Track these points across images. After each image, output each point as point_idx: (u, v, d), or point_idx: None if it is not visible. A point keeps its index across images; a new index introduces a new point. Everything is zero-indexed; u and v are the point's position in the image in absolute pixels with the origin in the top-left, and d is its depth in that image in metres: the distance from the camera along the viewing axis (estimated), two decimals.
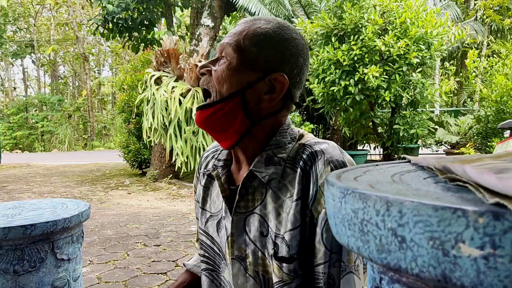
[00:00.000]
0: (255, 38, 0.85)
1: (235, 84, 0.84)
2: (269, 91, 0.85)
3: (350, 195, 0.33)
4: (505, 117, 6.40)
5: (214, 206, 0.97)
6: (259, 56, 0.84)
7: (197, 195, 1.05)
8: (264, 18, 0.89)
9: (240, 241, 0.88)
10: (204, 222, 0.99)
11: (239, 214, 0.88)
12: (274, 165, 0.86)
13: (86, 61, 26.04)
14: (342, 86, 5.56)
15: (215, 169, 0.95)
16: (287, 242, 0.82)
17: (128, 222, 5.19)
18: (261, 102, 0.86)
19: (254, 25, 0.86)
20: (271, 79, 0.85)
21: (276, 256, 0.83)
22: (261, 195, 0.87)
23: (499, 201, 0.24)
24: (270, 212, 0.85)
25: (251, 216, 0.87)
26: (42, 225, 1.63)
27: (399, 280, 0.33)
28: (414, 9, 5.62)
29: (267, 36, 0.85)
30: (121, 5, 8.87)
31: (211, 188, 0.99)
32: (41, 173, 10.87)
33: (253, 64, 0.84)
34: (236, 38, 0.85)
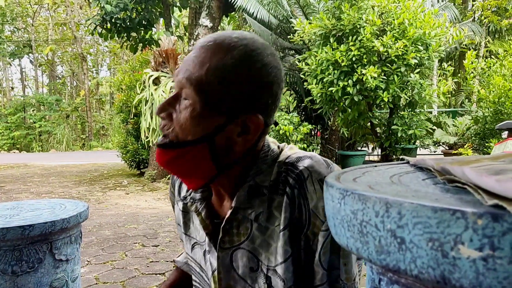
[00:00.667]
0: (220, 74, 0.72)
1: (200, 131, 0.73)
2: (243, 132, 0.75)
3: (350, 196, 0.33)
4: (502, 118, 6.41)
5: (199, 235, 0.90)
6: (226, 95, 0.72)
7: (176, 218, 0.97)
8: (229, 39, 0.74)
9: (228, 278, 0.83)
10: (190, 248, 0.93)
11: (224, 250, 0.82)
12: (258, 196, 0.78)
13: (84, 61, 25.99)
14: (341, 87, 5.57)
15: (193, 203, 0.86)
16: (281, 276, 0.77)
17: (126, 222, 5.18)
18: (234, 145, 0.76)
19: (217, 54, 0.73)
20: (243, 119, 0.74)
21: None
22: (247, 229, 0.80)
23: (498, 203, 0.24)
24: (259, 245, 0.79)
25: (238, 251, 0.81)
26: (40, 226, 1.62)
27: (398, 281, 0.33)
28: (412, 10, 5.63)
29: (234, 69, 0.72)
30: (119, 5, 8.87)
31: (192, 213, 0.92)
32: (39, 173, 10.85)
33: (220, 106, 0.73)
34: (197, 74, 0.72)
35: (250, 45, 0.75)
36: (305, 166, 0.76)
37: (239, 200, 0.79)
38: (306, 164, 0.77)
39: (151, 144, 8.29)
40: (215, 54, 0.73)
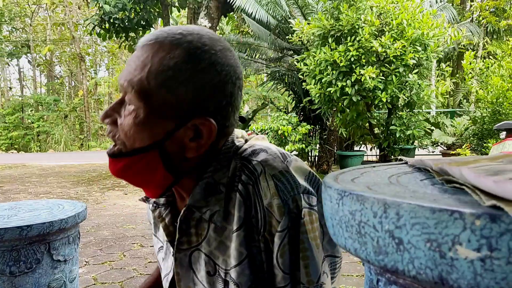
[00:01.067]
0: (162, 76, 0.66)
1: (147, 138, 0.68)
2: (195, 137, 0.70)
3: (348, 196, 0.33)
4: (501, 118, 6.43)
5: (162, 239, 0.87)
6: (171, 99, 0.67)
7: (148, 217, 0.95)
8: (172, 36, 0.69)
9: (187, 280, 0.78)
10: (157, 250, 0.90)
11: (182, 251, 0.77)
12: (214, 194, 0.72)
13: (83, 61, 25.97)
14: (339, 87, 5.57)
15: (156, 209, 0.82)
16: (235, 280, 0.71)
17: (124, 222, 5.18)
18: (188, 151, 0.71)
19: (158, 53, 0.67)
20: (194, 124, 0.69)
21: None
22: (204, 229, 0.75)
23: (496, 204, 0.24)
24: (215, 248, 0.74)
25: (196, 253, 0.76)
26: (38, 226, 1.62)
27: (396, 281, 0.33)
28: (411, 11, 5.64)
29: (177, 70, 0.67)
30: (118, 5, 8.87)
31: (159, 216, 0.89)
32: (37, 173, 10.83)
33: (166, 111, 0.67)
34: (138, 77, 0.67)
35: (195, 42, 0.68)
36: (258, 160, 0.71)
37: (194, 198, 0.73)
38: (260, 158, 0.72)
39: None
40: (156, 53, 0.67)
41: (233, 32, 15.06)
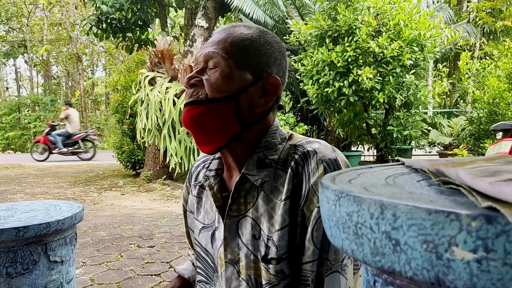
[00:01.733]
0: (242, 44, 0.85)
1: (228, 90, 0.83)
2: (263, 94, 0.86)
3: (345, 198, 0.33)
4: (497, 118, 6.45)
5: (208, 217, 0.96)
6: (249, 60, 0.85)
7: (189, 206, 1.05)
8: (242, 24, 0.90)
9: (233, 245, 0.88)
10: (197, 233, 0.99)
11: (231, 217, 0.88)
12: (265, 167, 0.86)
13: (79, 61, 25.91)
14: (336, 88, 5.58)
15: (207, 179, 0.94)
16: (275, 242, 0.82)
17: (121, 223, 5.17)
18: (256, 106, 0.86)
19: (236, 31, 0.87)
20: (264, 82, 0.86)
21: (264, 259, 0.83)
22: (253, 197, 0.86)
23: (492, 205, 0.25)
24: (262, 214, 0.85)
25: (243, 219, 0.87)
26: (35, 227, 1.62)
27: (393, 282, 0.33)
28: (408, 11, 5.65)
29: (252, 40, 0.86)
30: (115, 5, 8.85)
31: (204, 198, 0.99)
32: (33, 173, 10.80)
33: (244, 69, 0.84)
34: (222, 46, 0.85)
35: (262, 28, 0.91)
36: (313, 147, 0.85)
37: (248, 168, 0.86)
38: (314, 146, 0.86)
39: (147, 145, 8.27)
40: (235, 30, 0.87)
41: None
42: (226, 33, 0.86)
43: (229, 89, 0.83)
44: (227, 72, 0.83)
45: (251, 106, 0.85)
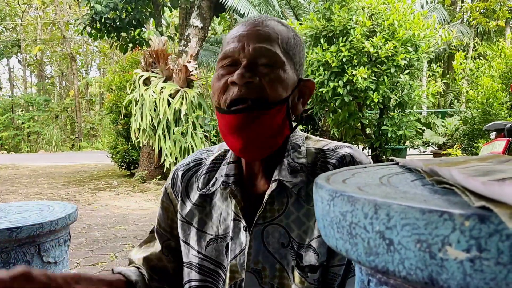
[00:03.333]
0: (291, 42, 0.82)
1: (288, 91, 0.80)
2: (300, 96, 0.85)
3: (339, 197, 0.33)
4: (491, 118, 6.49)
5: (222, 228, 0.87)
6: (296, 60, 0.83)
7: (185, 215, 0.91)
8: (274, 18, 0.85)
9: (257, 254, 0.82)
10: (204, 246, 0.89)
11: (258, 225, 0.83)
12: (297, 172, 0.83)
13: (74, 61, 25.80)
14: (331, 88, 5.59)
15: (227, 187, 0.86)
16: (316, 249, 0.79)
17: (116, 223, 5.15)
18: (295, 109, 0.84)
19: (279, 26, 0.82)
20: (302, 84, 0.85)
21: (300, 266, 0.80)
22: (282, 204, 0.82)
23: (485, 205, 0.25)
24: (292, 222, 0.81)
25: (270, 227, 0.82)
26: (28, 228, 1.61)
27: (387, 282, 0.33)
28: (402, 12, 5.67)
29: (298, 39, 0.85)
30: (109, 5, 8.81)
31: (209, 207, 0.90)
32: (27, 174, 10.73)
33: (294, 70, 0.82)
34: (274, 42, 0.79)
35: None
36: (347, 152, 0.84)
37: (281, 174, 0.82)
38: (347, 151, 0.84)
39: (141, 145, 8.25)
40: (277, 27, 0.82)
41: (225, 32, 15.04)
42: (271, 28, 0.81)
43: (288, 91, 0.80)
44: (286, 72, 0.79)
45: (292, 109, 0.84)
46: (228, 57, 0.79)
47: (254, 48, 0.78)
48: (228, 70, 0.79)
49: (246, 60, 0.78)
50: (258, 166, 0.86)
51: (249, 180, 0.88)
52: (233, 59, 0.79)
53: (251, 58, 0.78)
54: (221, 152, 0.95)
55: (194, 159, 0.96)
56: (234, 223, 0.85)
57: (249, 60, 0.78)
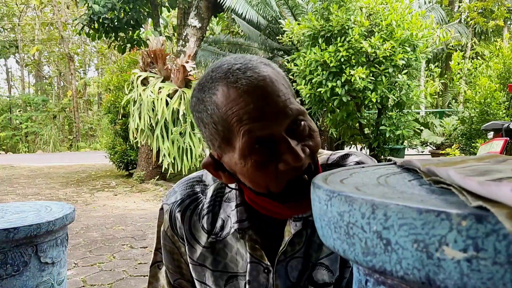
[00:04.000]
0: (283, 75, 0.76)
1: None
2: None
3: (336, 197, 0.33)
4: (488, 118, 6.50)
5: (238, 266, 0.84)
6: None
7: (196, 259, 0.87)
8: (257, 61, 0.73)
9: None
10: (222, 284, 0.85)
11: (280, 262, 0.81)
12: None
13: (71, 61, 25.74)
14: (329, 87, 5.59)
15: (245, 234, 0.81)
16: (329, 267, 0.79)
17: (114, 224, 5.14)
18: None
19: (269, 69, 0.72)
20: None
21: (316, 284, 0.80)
22: (301, 236, 0.80)
23: (482, 205, 0.25)
24: (311, 248, 0.81)
25: (292, 261, 0.81)
26: (25, 229, 1.60)
27: (385, 282, 0.33)
28: (400, 12, 5.67)
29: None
30: (107, 5, 8.80)
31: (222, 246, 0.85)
32: (25, 174, 10.71)
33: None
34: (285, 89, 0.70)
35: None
36: (355, 161, 0.81)
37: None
38: (355, 160, 0.81)
39: (140, 145, 8.24)
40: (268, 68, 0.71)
41: (223, 33, 15.04)
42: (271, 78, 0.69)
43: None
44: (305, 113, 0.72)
45: None
46: (257, 140, 0.67)
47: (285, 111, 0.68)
48: (265, 156, 0.68)
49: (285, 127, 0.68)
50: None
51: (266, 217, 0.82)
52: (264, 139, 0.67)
53: (288, 127, 0.69)
54: (217, 184, 0.88)
55: (188, 195, 0.88)
56: (251, 266, 0.81)
57: (288, 129, 0.68)
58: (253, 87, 0.67)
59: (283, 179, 0.68)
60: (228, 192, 0.85)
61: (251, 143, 0.67)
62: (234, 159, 0.70)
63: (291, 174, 0.68)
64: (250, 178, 0.70)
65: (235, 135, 0.68)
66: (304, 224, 0.78)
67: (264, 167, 0.68)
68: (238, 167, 0.70)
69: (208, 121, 0.72)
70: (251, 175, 0.69)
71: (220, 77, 0.69)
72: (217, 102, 0.68)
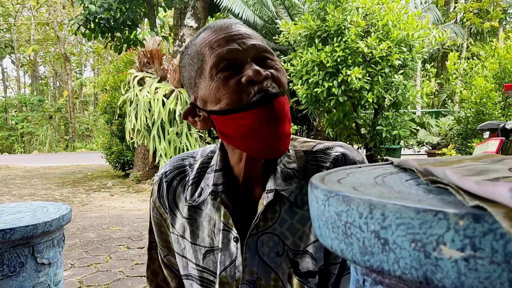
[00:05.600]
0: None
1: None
2: None
3: (334, 197, 0.33)
4: (484, 118, 6.52)
5: (216, 239, 0.85)
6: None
7: (177, 230, 0.89)
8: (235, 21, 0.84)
9: (252, 264, 0.81)
10: (201, 258, 0.87)
11: (251, 235, 0.81)
12: (291, 179, 0.81)
13: (67, 61, 25.66)
14: (326, 88, 5.60)
15: (217, 196, 0.83)
16: (313, 255, 0.79)
17: (110, 224, 5.13)
18: None
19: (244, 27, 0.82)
20: None
21: (299, 273, 0.79)
22: (275, 213, 0.80)
23: (479, 204, 0.25)
24: (287, 229, 0.80)
25: (263, 236, 0.81)
26: (21, 229, 1.60)
27: (382, 281, 0.33)
28: (396, 12, 5.69)
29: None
30: (104, 5, 8.78)
31: (201, 219, 0.87)
32: (21, 175, 10.67)
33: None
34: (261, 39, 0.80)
35: None
36: (340, 152, 0.83)
37: (277, 182, 0.80)
38: (339, 150, 0.83)
39: (136, 145, 8.22)
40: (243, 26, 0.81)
41: None
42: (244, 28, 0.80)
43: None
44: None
45: None
46: (224, 60, 0.74)
47: (253, 45, 0.76)
48: (230, 73, 0.74)
49: (251, 57, 0.76)
50: (257, 173, 0.84)
51: (244, 188, 0.85)
52: (231, 60, 0.75)
53: (255, 54, 0.76)
54: (204, 158, 0.91)
55: (176, 167, 0.92)
56: (223, 234, 0.83)
57: (254, 56, 0.76)
58: (226, 24, 0.78)
59: (249, 92, 0.73)
60: (212, 165, 0.88)
61: (219, 63, 0.74)
62: (205, 87, 0.76)
63: (255, 90, 0.73)
64: (218, 97, 0.75)
65: (206, 62, 0.76)
66: (276, 197, 0.79)
67: (229, 81, 0.74)
68: (208, 92, 0.76)
69: (187, 62, 0.81)
70: (219, 93, 0.74)
71: (203, 29, 0.81)
72: (196, 42, 0.80)
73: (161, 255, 0.96)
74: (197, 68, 0.78)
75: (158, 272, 0.99)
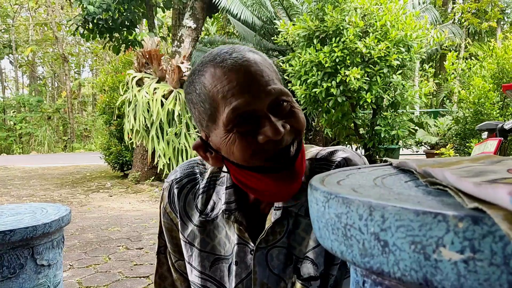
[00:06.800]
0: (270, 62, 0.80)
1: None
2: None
3: (334, 199, 0.33)
4: (482, 118, 6.52)
5: (225, 249, 0.86)
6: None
7: (186, 236, 0.90)
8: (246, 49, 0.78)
9: (262, 276, 0.82)
10: (208, 266, 0.88)
11: (260, 249, 0.82)
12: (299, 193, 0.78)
13: (66, 62, 25.62)
14: (324, 88, 5.60)
15: (231, 214, 0.83)
16: (314, 260, 0.80)
17: (109, 225, 5.12)
18: None
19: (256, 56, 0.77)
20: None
21: (301, 278, 0.80)
22: (282, 226, 0.81)
23: (478, 206, 0.25)
24: (294, 240, 0.81)
25: (273, 250, 0.82)
26: (21, 231, 1.59)
27: (382, 283, 0.33)
28: (394, 12, 5.70)
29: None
30: (102, 5, 8.77)
31: (212, 227, 0.88)
32: (19, 176, 10.65)
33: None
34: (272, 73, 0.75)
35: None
36: (342, 157, 0.82)
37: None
38: (342, 155, 0.83)
39: (135, 146, 8.22)
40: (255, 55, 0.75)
41: (218, 33, 15.03)
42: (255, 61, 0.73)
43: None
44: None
45: None
46: (240, 114, 0.70)
47: (269, 91, 0.71)
48: (246, 129, 0.71)
49: (267, 105, 0.71)
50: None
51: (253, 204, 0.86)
52: (246, 113, 0.70)
53: (271, 101, 0.72)
54: (214, 168, 0.91)
55: (187, 174, 0.92)
56: (239, 247, 0.83)
57: (271, 102, 0.71)
58: (237, 66, 0.71)
59: (264, 152, 0.71)
60: (222, 177, 0.88)
61: (234, 117, 0.70)
62: (219, 135, 0.73)
63: (272, 148, 0.71)
64: (232, 151, 0.72)
65: (220, 112, 0.72)
66: (284, 213, 0.80)
67: (245, 138, 0.71)
68: (222, 143, 0.73)
69: (196, 100, 0.76)
70: (234, 148, 0.72)
71: (209, 60, 0.74)
72: (205, 82, 0.73)
73: (171, 260, 0.97)
74: (210, 114, 0.74)
75: (166, 276, 0.99)
